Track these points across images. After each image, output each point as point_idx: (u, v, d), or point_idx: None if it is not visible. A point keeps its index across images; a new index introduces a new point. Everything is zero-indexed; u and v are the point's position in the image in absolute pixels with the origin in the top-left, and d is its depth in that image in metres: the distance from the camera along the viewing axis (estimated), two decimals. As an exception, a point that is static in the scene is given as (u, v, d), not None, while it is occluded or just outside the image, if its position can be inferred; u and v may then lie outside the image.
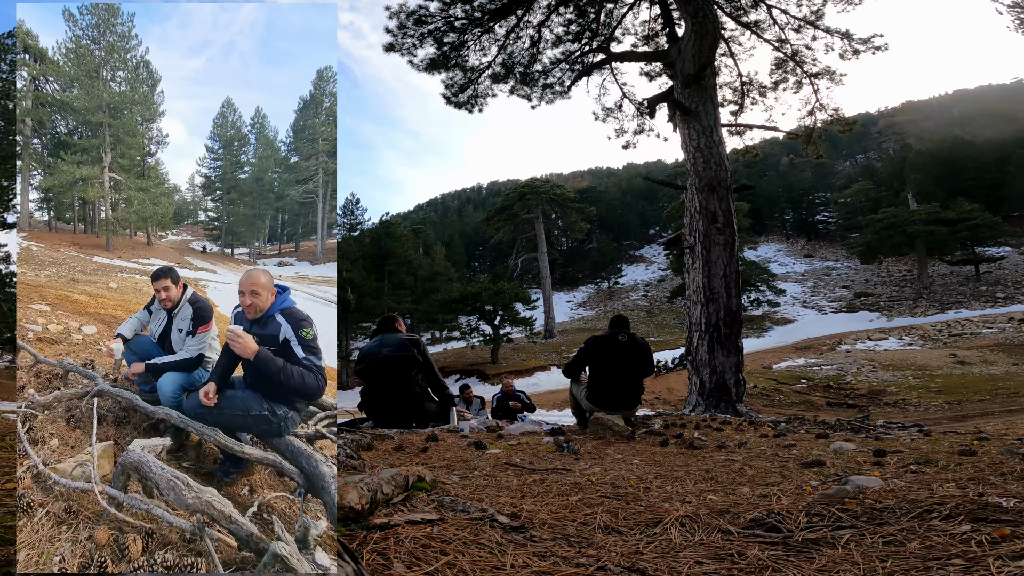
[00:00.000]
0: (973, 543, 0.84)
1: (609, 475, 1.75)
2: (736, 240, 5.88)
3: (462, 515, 1.05)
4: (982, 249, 30.39)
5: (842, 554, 0.86)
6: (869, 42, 7.47)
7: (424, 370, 3.30)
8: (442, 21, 7.05)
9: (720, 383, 5.46)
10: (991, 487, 1.24)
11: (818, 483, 1.50)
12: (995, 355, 16.57)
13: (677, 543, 0.97)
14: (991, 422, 6.59)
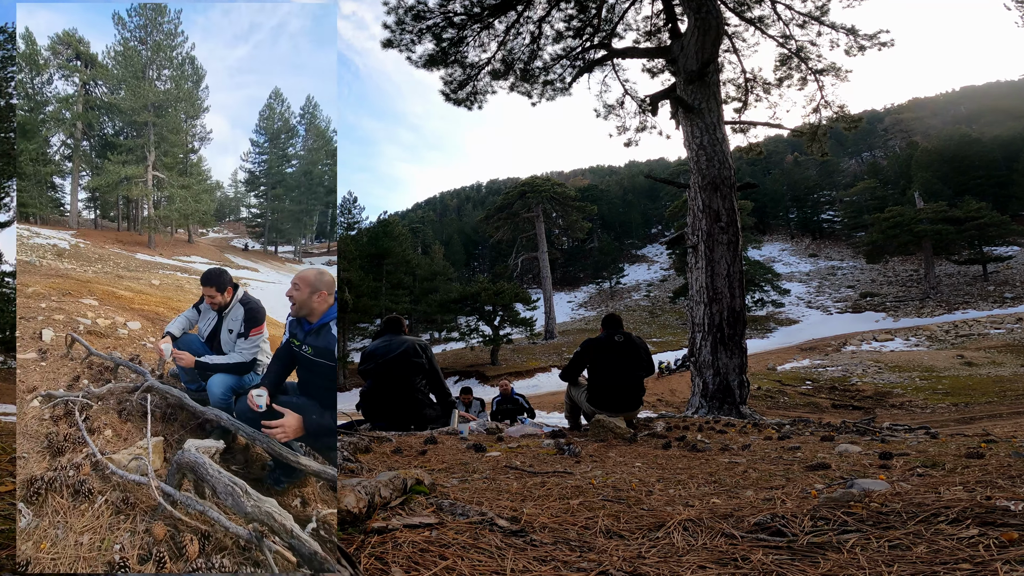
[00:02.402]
0: (981, 547, 0.83)
1: (611, 478, 1.73)
2: (740, 239, 5.83)
3: (461, 519, 1.04)
4: (990, 248, 30.05)
5: (847, 558, 0.85)
6: (875, 38, 7.39)
7: (429, 376, 3.30)
8: (441, 17, 7.02)
9: (723, 384, 5.43)
10: (999, 490, 1.22)
11: (823, 486, 1.49)
12: (1003, 356, 16.38)
13: (680, 547, 0.96)
14: (999, 424, 6.51)
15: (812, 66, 8.00)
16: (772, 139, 48.36)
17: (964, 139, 38.32)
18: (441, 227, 53.96)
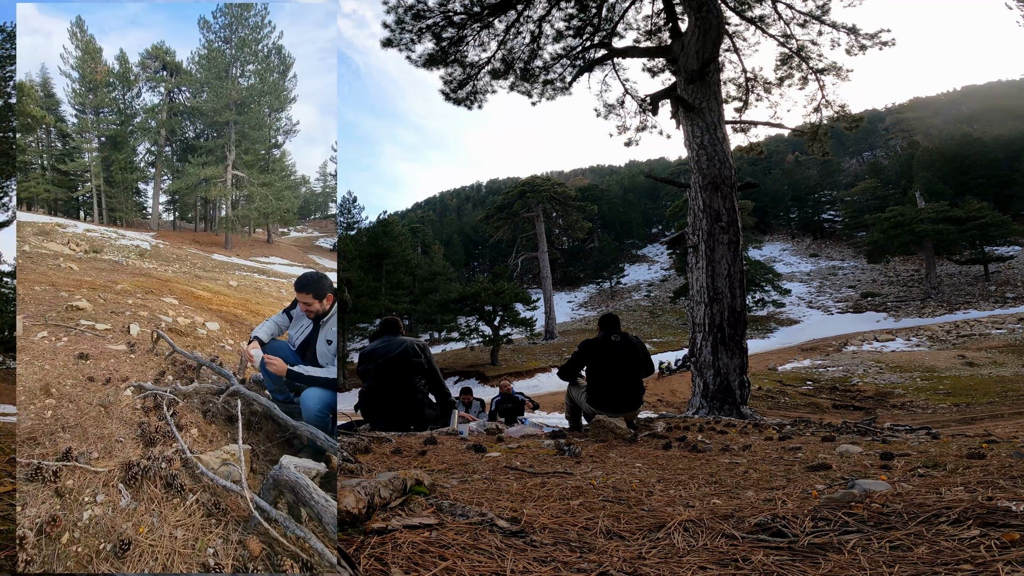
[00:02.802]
0: (982, 548, 0.83)
1: (611, 479, 1.73)
2: (740, 239, 5.83)
3: (461, 519, 1.04)
4: (991, 248, 29.99)
5: (848, 559, 0.85)
6: (876, 37, 7.38)
7: (428, 376, 3.30)
8: (440, 16, 7.02)
9: (724, 385, 5.42)
10: (1001, 491, 1.22)
11: (824, 487, 1.48)
12: (1004, 356, 16.34)
13: (680, 548, 0.96)
14: (1000, 424, 6.50)
15: (813, 65, 7.99)
16: (773, 139, 48.33)
17: (965, 139, 38.24)
18: (441, 227, 53.94)
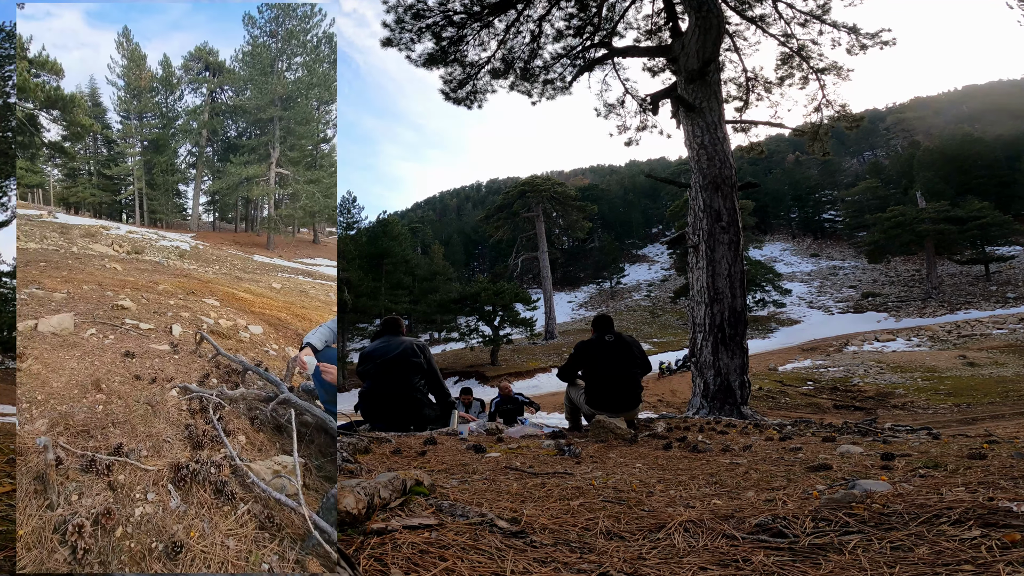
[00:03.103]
0: (983, 549, 0.83)
1: (611, 479, 1.73)
2: (741, 239, 5.82)
3: (461, 520, 1.04)
4: (992, 248, 29.95)
5: (849, 560, 0.85)
6: (877, 37, 7.37)
7: (428, 376, 3.30)
8: (440, 15, 7.02)
9: (724, 385, 5.41)
10: (1002, 491, 1.22)
11: (825, 487, 1.48)
12: (1005, 356, 16.32)
13: (681, 549, 0.96)
14: (1001, 425, 6.49)
15: (814, 65, 7.98)
16: (773, 138, 48.25)
17: (966, 138, 38.18)
18: (441, 227, 53.95)
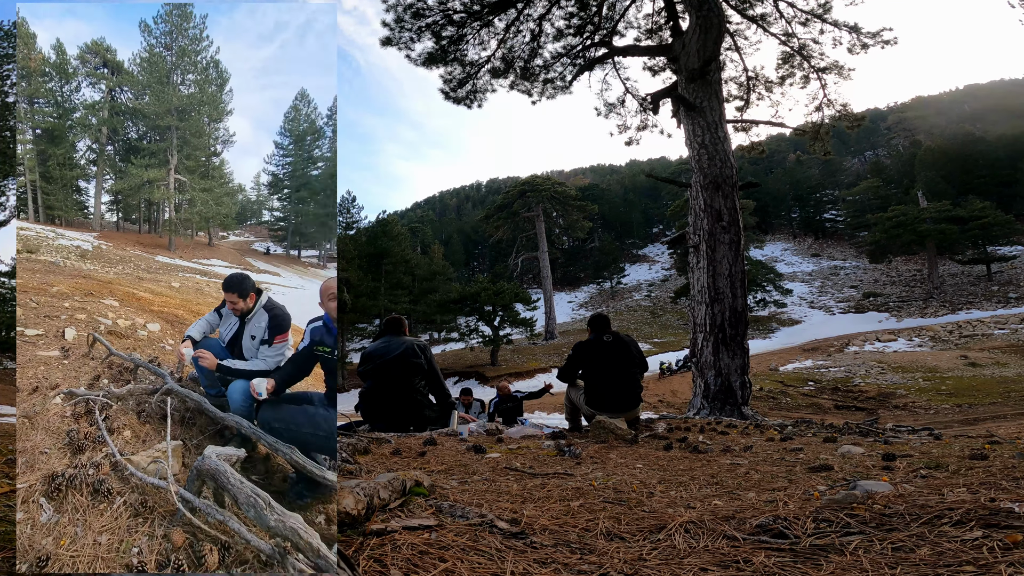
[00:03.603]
0: (984, 549, 0.83)
1: (611, 480, 1.73)
2: (741, 239, 5.81)
3: (461, 521, 1.04)
4: (994, 248, 29.90)
5: (850, 561, 0.84)
6: (878, 36, 7.36)
7: (429, 377, 3.30)
8: (440, 14, 7.01)
9: (725, 385, 5.41)
10: (1003, 492, 1.21)
11: (826, 488, 1.48)
12: (1007, 357, 16.28)
13: (681, 549, 0.96)
14: (1003, 425, 6.48)
15: (815, 64, 7.96)
16: (774, 138, 48.24)
17: (968, 138, 38.12)
18: (440, 226, 53.97)
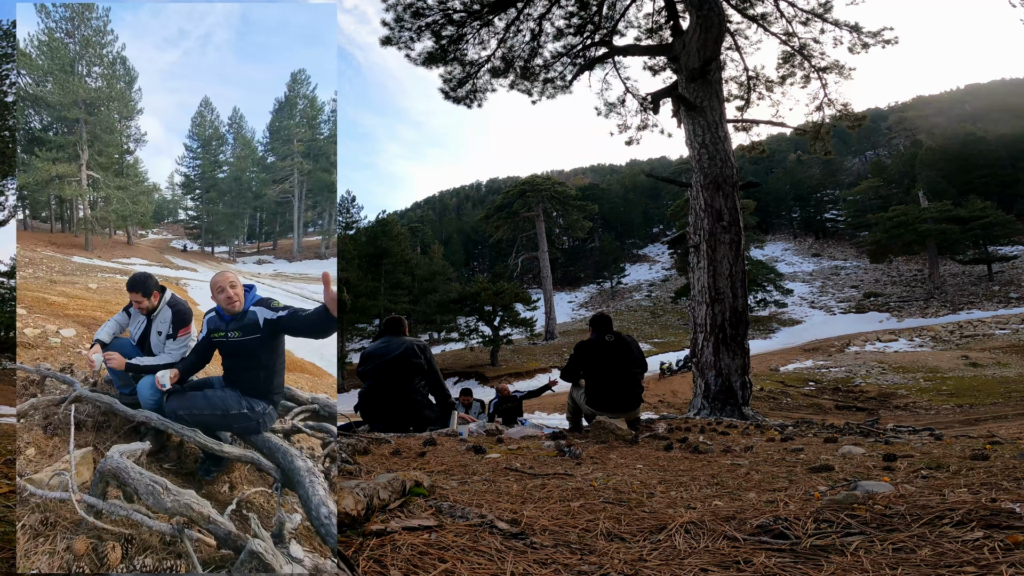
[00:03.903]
0: (986, 550, 0.82)
1: (612, 480, 1.73)
2: (742, 239, 5.80)
3: (460, 521, 1.04)
4: (995, 248, 29.87)
5: (851, 561, 0.84)
6: (879, 35, 7.35)
7: (428, 377, 3.29)
8: (440, 14, 7.00)
9: (726, 386, 5.40)
10: (1004, 492, 1.21)
11: (826, 488, 1.48)
12: (1008, 357, 16.26)
13: (681, 550, 0.95)
14: (1004, 426, 6.47)
15: (815, 64, 7.95)
16: (775, 137, 48.18)
17: (969, 137, 38.06)
18: (440, 226, 53.97)
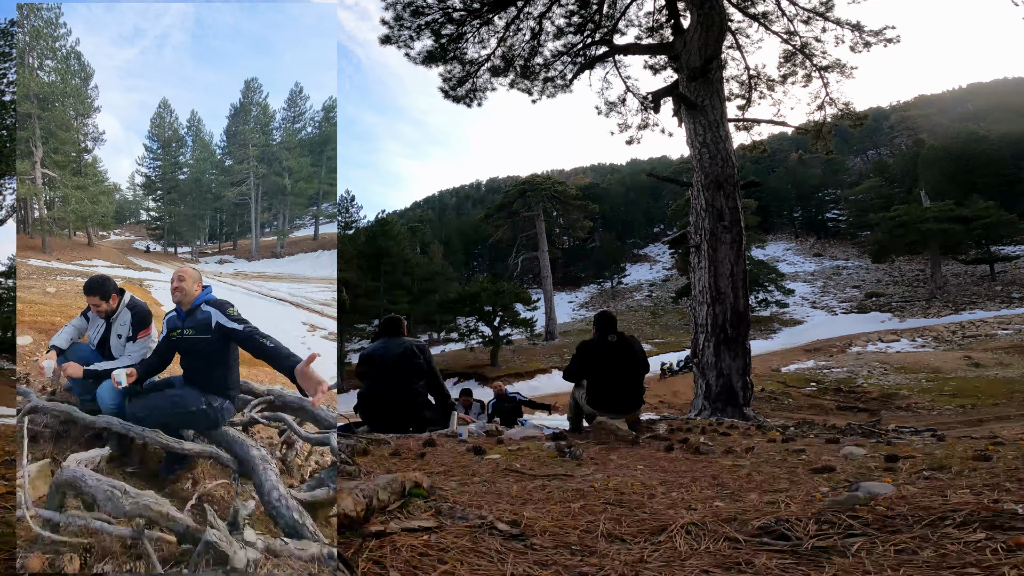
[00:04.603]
0: (988, 551, 0.82)
1: (612, 481, 1.72)
2: (743, 238, 5.79)
3: (460, 522, 1.04)
4: (997, 248, 29.78)
5: (853, 563, 0.84)
6: (881, 34, 7.33)
7: (428, 378, 3.28)
8: (440, 12, 6.98)
9: (727, 386, 5.39)
10: (1007, 493, 1.21)
11: (828, 489, 1.47)
12: (1011, 357, 16.20)
13: (682, 551, 0.95)
14: (1007, 426, 6.46)
15: (817, 63, 7.93)
16: (776, 137, 48.02)
17: (971, 137, 37.94)
18: (440, 226, 53.88)
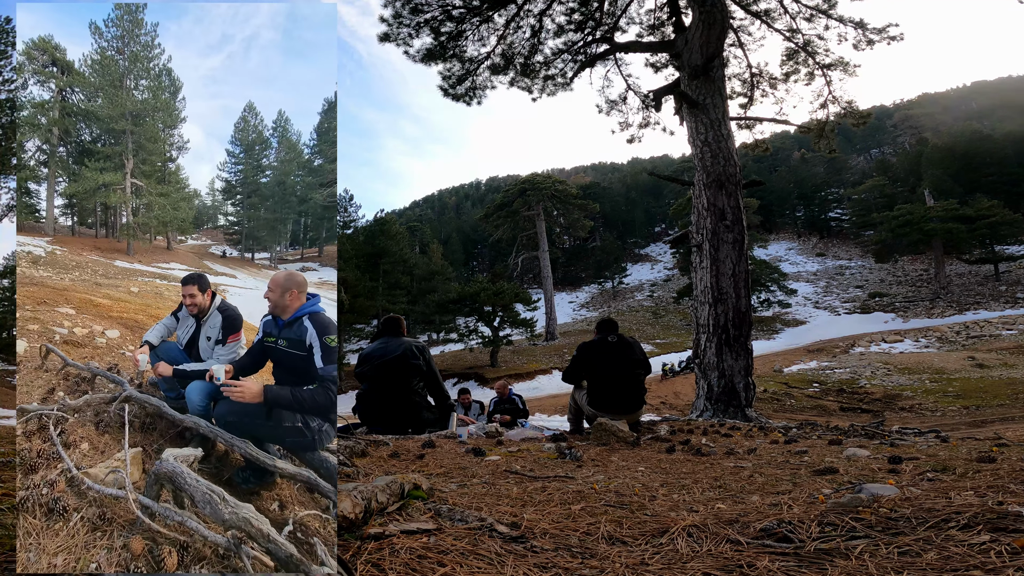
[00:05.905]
0: (992, 554, 0.81)
1: (613, 483, 1.72)
2: (745, 238, 5.77)
3: (460, 524, 1.04)
4: (1002, 247, 29.61)
5: (856, 565, 0.83)
6: (884, 32, 7.29)
7: (427, 378, 3.27)
8: (439, 10, 6.96)
9: (729, 387, 5.38)
10: (1011, 495, 1.19)
11: (831, 491, 1.46)
12: (1015, 358, 16.10)
13: (684, 554, 0.95)
14: (1011, 427, 6.41)
15: (820, 61, 7.90)
16: (778, 135, 47.92)
17: (975, 135, 37.74)
18: (439, 226, 53.92)
